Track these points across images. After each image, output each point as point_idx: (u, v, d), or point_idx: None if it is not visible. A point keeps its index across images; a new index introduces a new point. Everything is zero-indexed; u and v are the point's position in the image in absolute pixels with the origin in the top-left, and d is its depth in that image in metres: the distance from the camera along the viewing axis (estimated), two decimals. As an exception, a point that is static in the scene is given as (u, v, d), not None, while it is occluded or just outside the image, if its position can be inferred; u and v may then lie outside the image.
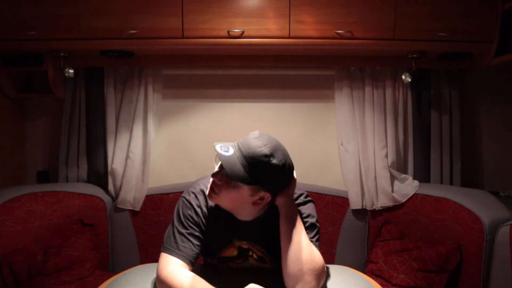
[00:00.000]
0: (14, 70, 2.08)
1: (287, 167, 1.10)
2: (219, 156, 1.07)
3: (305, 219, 1.22)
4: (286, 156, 1.11)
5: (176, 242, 1.17)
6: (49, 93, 2.10)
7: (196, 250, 1.18)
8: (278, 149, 1.09)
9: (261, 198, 1.13)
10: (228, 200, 1.16)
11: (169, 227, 1.23)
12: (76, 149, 2.20)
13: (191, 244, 1.18)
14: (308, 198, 1.30)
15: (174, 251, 1.16)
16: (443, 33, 1.86)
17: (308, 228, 1.21)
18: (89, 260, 1.87)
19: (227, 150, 1.08)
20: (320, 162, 2.34)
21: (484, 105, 2.29)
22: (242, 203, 1.15)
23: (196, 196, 1.24)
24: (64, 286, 1.73)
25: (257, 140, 1.08)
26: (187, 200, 1.23)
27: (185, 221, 1.20)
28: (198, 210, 1.22)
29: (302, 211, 1.24)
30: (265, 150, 1.06)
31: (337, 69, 2.15)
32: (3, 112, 2.15)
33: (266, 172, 1.08)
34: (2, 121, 2.13)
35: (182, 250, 1.16)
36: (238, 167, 1.06)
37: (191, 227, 1.19)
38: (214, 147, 1.08)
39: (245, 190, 1.10)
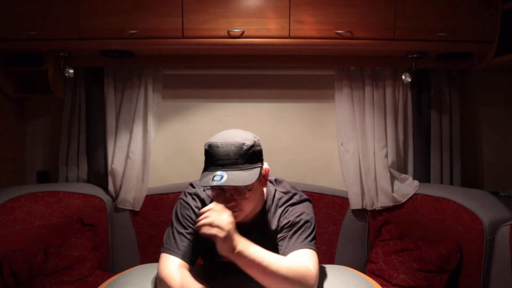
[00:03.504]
0: (14, 70, 2.08)
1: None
2: (226, 184, 1.05)
3: (299, 217, 1.22)
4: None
5: (175, 242, 1.17)
6: (49, 93, 2.10)
7: (195, 249, 1.18)
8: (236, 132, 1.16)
9: (265, 174, 1.20)
10: (251, 204, 1.17)
11: (168, 228, 1.23)
12: (76, 149, 2.20)
13: (190, 243, 1.18)
14: (304, 197, 1.29)
15: (174, 251, 1.16)
16: (443, 33, 1.86)
17: (302, 226, 1.20)
18: (89, 260, 1.87)
19: (221, 176, 1.06)
20: (320, 162, 2.34)
21: (484, 105, 2.29)
22: (257, 194, 1.18)
23: (193, 198, 1.24)
24: (64, 286, 1.73)
25: (228, 139, 1.10)
26: (184, 201, 1.24)
27: (184, 221, 1.20)
28: (197, 210, 1.22)
29: (296, 210, 1.24)
30: (241, 138, 1.11)
31: (337, 69, 2.14)
32: (3, 112, 2.15)
33: (258, 150, 1.15)
34: (2, 121, 2.13)
35: (182, 250, 1.16)
36: (246, 173, 1.08)
37: (190, 227, 1.19)
38: (211, 185, 1.06)
39: (256, 181, 1.11)
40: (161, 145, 2.33)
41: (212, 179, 1.06)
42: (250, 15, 1.87)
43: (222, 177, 1.05)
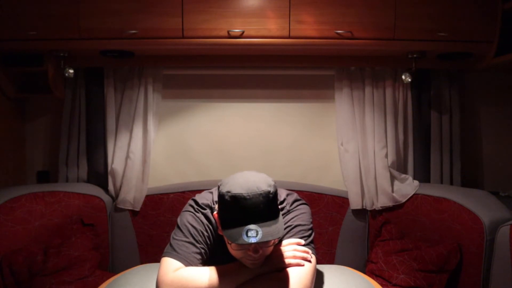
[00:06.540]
0: (14, 70, 2.08)
1: None
2: (264, 240, 1.01)
3: (290, 222, 1.22)
4: None
5: (182, 250, 1.16)
6: (49, 93, 2.10)
7: (201, 262, 1.18)
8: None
9: None
10: (271, 248, 1.13)
11: (175, 236, 1.20)
12: (76, 149, 2.20)
13: (198, 254, 1.17)
14: (299, 203, 1.28)
15: (179, 256, 1.14)
16: (443, 33, 1.86)
17: (298, 233, 1.21)
18: (89, 260, 1.87)
19: (256, 231, 1.01)
20: (320, 162, 2.34)
21: (484, 105, 2.29)
22: None
23: (205, 218, 1.23)
24: (64, 286, 1.73)
25: (254, 186, 1.04)
26: (198, 217, 1.22)
27: (195, 233, 1.18)
28: (209, 230, 1.21)
29: (291, 215, 1.24)
30: (264, 185, 1.05)
31: (337, 69, 2.15)
32: (3, 112, 2.15)
33: (277, 193, 1.10)
34: (2, 121, 2.13)
35: (188, 258, 1.15)
36: (278, 224, 1.05)
37: (201, 242, 1.18)
38: (248, 243, 1.01)
39: None
40: (161, 145, 2.33)
41: (246, 235, 1.00)
42: (250, 15, 1.87)
43: (257, 232, 1.00)
